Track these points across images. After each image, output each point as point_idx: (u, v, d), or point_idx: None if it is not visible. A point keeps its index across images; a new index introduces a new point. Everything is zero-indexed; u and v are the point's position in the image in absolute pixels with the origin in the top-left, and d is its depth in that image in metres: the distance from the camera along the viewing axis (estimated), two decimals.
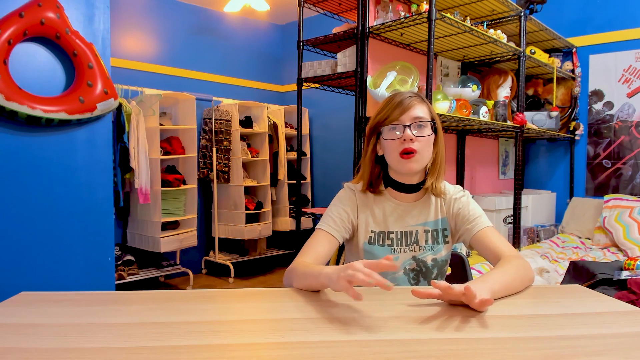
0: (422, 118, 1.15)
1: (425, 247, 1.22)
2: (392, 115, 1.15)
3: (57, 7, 1.87)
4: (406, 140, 1.13)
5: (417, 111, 1.15)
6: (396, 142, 1.14)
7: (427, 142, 1.16)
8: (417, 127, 1.14)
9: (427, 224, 1.23)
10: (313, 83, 2.81)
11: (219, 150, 4.05)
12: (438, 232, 1.24)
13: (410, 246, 1.22)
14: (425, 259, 1.22)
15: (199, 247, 4.25)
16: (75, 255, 2.02)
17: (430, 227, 1.23)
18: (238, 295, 1.02)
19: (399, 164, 1.15)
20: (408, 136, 1.12)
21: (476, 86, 2.64)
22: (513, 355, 0.68)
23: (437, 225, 1.24)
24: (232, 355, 0.68)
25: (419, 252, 1.22)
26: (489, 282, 0.94)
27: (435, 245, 1.23)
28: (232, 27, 4.62)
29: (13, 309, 0.87)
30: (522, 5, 2.90)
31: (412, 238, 1.22)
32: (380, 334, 0.76)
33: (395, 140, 1.14)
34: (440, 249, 1.23)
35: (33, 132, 1.87)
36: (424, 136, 1.14)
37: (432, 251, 1.22)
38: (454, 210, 1.24)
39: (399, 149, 1.14)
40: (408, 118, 1.14)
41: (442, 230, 1.24)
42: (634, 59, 3.18)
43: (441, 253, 1.23)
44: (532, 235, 3.18)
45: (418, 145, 1.13)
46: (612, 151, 3.31)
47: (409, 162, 1.14)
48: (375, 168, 1.23)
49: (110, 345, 0.70)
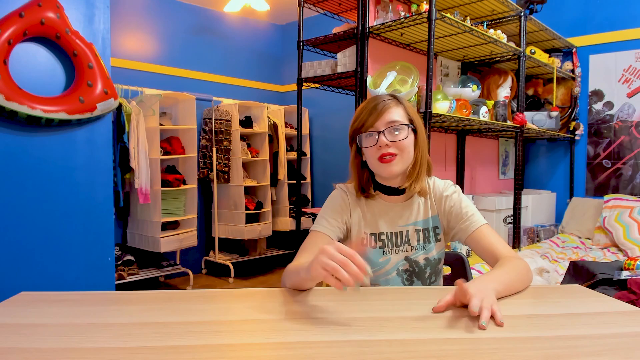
0: (397, 122, 1.14)
1: (417, 247, 1.22)
2: (367, 122, 1.15)
3: (57, 7, 1.87)
4: (382, 146, 1.13)
5: (392, 115, 1.15)
6: (373, 149, 1.15)
7: (406, 144, 1.15)
8: (392, 131, 1.14)
9: (417, 224, 1.23)
10: (313, 83, 2.81)
11: (219, 150, 4.05)
12: (429, 230, 1.23)
13: (402, 247, 1.22)
14: (417, 259, 1.22)
15: (199, 247, 4.25)
16: (75, 255, 2.01)
17: (421, 226, 1.23)
18: (238, 295, 1.02)
19: (379, 168, 1.16)
20: (383, 142, 1.13)
21: (476, 86, 2.64)
22: (513, 355, 0.68)
23: (428, 223, 1.23)
24: (232, 355, 0.68)
25: (411, 253, 1.22)
26: (493, 282, 0.94)
27: (427, 244, 1.22)
28: (232, 27, 4.62)
29: (13, 309, 0.87)
30: (522, 5, 2.90)
31: (404, 239, 1.22)
32: (380, 334, 0.75)
33: (373, 146, 1.15)
34: (431, 247, 1.23)
35: (33, 132, 1.87)
36: (399, 140, 1.14)
37: (424, 250, 1.22)
38: (445, 207, 1.23)
39: (377, 155, 1.14)
40: (382, 123, 1.14)
41: (433, 228, 1.24)
42: (634, 59, 3.18)
43: (433, 252, 1.23)
44: (532, 235, 3.18)
45: (396, 148, 1.13)
46: (612, 151, 3.31)
47: (389, 166, 1.14)
48: (363, 173, 1.23)
49: (110, 345, 0.70)
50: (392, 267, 1.21)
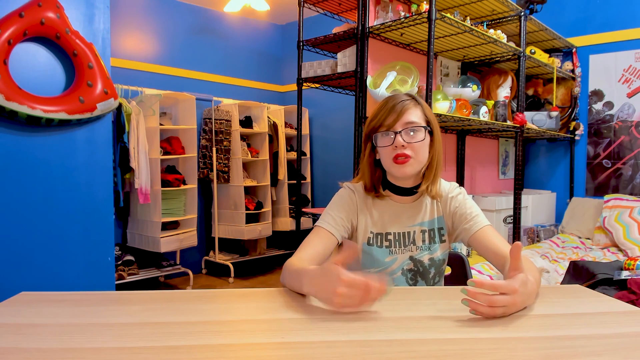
0: (415, 123, 1.14)
1: (422, 247, 1.22)
2: (385, 122, 1.15)
3: (57, 7, 1.87)
4: (398, 146, 1.13)
5: (411, 116, 1.15)
6: (389, 148, 1.14)
7: (422, 146, 1.15)
8: (409, 132, 1.13)
9: (423, 224, 1.23)
10: (313, 83, 2.81)
11: (219, 150, 4.05)
12: (434, 231, 1.23)
13: (408, 247, 1.22)
14: (422, 259, 1.22)
15: (199, 247, 4.25)
16: (75, 255, 2.01)
17: (427, 227, 1.23)
18: (238, 295, 1.02)
19: (393, 168, 1.16)
20: (399, 142, 1.13)
21: (476, 86, 2.64)
22: (513, 355, 0.68)
23: (433, 224, 1.24)
24: (232, 355, 0.68)
25: (416, 252, 1.22)
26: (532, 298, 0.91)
27: (432, 245, 1.23)
28: (232, 27, 4.62)
29: (13, 309, 0.87)
30: (522, 5, 2.90)
31: (410, 239, 1.22)
32: (380, 334, 0.75)
33: (388, 146, 1.14)
34: (436, 248, 1.23)
35: (33, 132, 1.87)
36: (416, 142, 1.14)
37: (428, 251, 1.22)
38: (450, 208, 1.23)
39: (392, 155, 1.14)
40: (400, 124, 1.14)
41: (439, 229, 1.24)
42: (634, 59, 3.18)
43: (437, 252, 1.23)
44: (532, 235, 3.18)
45: (411, 150, 1.13)
46: (612, 151, 3.30)
47: (403, 167, 1.14)
48: (375, 171, 1.23)
49: (110, 345, 0.70)
50: (398, 267, 1.21)
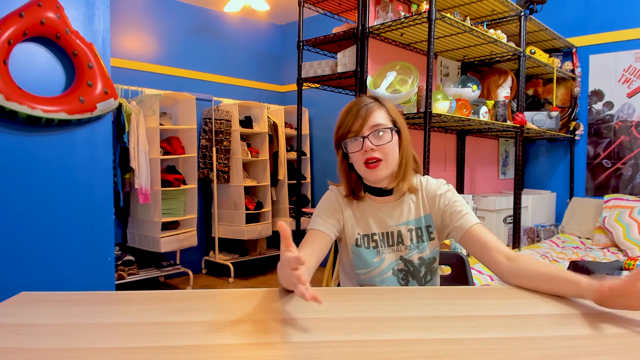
0: (381, 125, 1.15)
1: (410, 247, 1.22)
2: (352, 127, 1.15)
3: (57, 7, 1.87)
4: (367, 150, 1.13)
5: (376, 118, 1.15)
6: (359, 154, 1.15)
7: (391, 147, 1.15)
8: (376, 135, 1.14)
9: (409, 223, 1.23)
10: (313, 83, 2.81)
11: (219, 150, 4.05)
12: (422, 229, 1.23)
13: (396, 246, 1.22)
14: (411, 259, 1.22)
15: (199, 247, 4.25)
16: (75, 255, 2.01)
17: (413, 226, 1.23)
18: (238, 295, 1.02)
19: (366, 173, 1.17)
20: (368, 146, 1.13)
21: (476, 86, 2.64)
22: (513, 355, 0.68)
23: (420, 222, 1.23)
24: (232, 355, 0.68)
25: (405, 252, 1.22)
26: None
27: (420, 244, 1.22)
28: (232, 27, 4.62)
29: (13, 309, 0.87)
30: (522, 5, 2.90)
31: (396, 238, 1.22)
32: (380, 334, 0.75)
33: (358, 151, 1.15)
34: (425, 247, 1.23)
35: (33, 132, 1.87)
36: (384, 143, 1.14)
37: (417, 250, 1.22)
38: (440, 206, 1.22)
39: (363, 159, 1.14)
40: (367, 128, 1.14)
41: (426, 227, 1.24)
42: (634, 59, 3.18)
43: (427, 251, 1.23)
44: (532, 235, 3.18)
45: (381, 152, 1.14)
46: (612, 151, 3.31)
47: (375, 171, 1.14)
48: (351, 176, 1.23)
49: (110, 345, 0.70)
50: (387, 267, 1.21)
